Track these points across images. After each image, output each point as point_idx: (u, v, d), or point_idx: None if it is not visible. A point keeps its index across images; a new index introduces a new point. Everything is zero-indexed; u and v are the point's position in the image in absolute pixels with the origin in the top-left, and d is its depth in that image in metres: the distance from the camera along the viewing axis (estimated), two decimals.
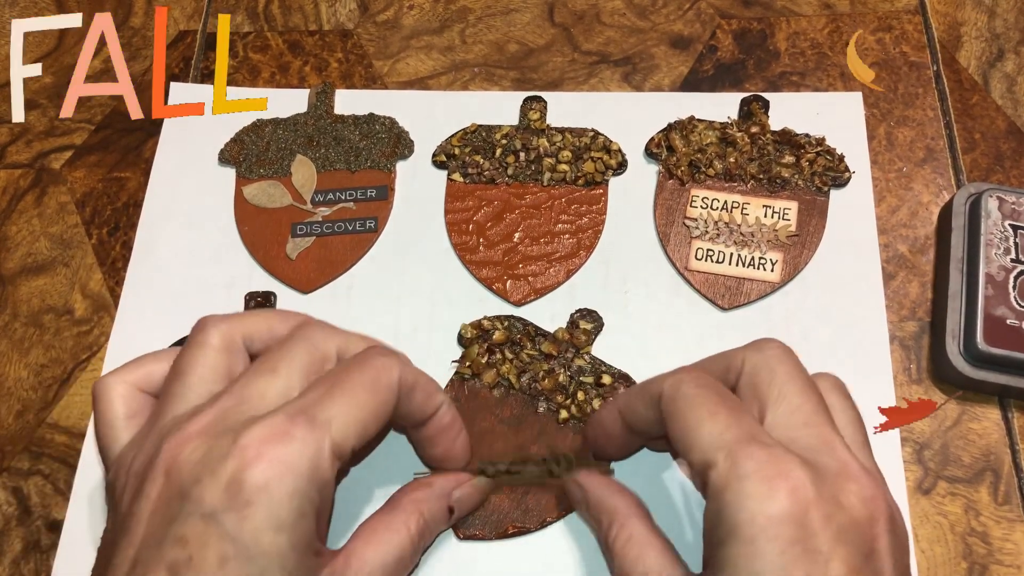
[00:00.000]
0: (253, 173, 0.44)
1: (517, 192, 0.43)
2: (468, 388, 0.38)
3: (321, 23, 0.49)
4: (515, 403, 0.38)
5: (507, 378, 0.38)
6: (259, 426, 0.25)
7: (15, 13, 0.51)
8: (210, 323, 0.30)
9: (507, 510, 0.35)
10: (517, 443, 0.37)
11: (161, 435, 0.27)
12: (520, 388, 0.38)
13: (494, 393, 0.38)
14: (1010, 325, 0.36)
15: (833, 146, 0.42)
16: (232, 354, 0.30)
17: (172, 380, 0.29)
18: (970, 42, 0.46)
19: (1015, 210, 0.38)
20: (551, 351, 0.38)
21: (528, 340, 0.39)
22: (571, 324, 0.39)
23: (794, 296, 0.40)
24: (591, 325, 0.39)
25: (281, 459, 0.25)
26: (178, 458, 0.26)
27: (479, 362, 0.38)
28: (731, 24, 0.47)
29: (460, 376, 0.38)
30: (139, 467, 0.27)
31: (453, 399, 0.37)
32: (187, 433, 0.26)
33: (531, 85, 0.46)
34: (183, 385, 0.29)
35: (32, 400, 0.41)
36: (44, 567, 0.37)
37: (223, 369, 0.29)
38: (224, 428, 0.26)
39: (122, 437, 0.29)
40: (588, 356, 0.38)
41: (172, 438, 0.26)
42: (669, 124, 0.43)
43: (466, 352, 0.38)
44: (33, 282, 0.43)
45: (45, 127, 0.48)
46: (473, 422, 0.37)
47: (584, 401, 0.37)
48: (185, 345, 0.30)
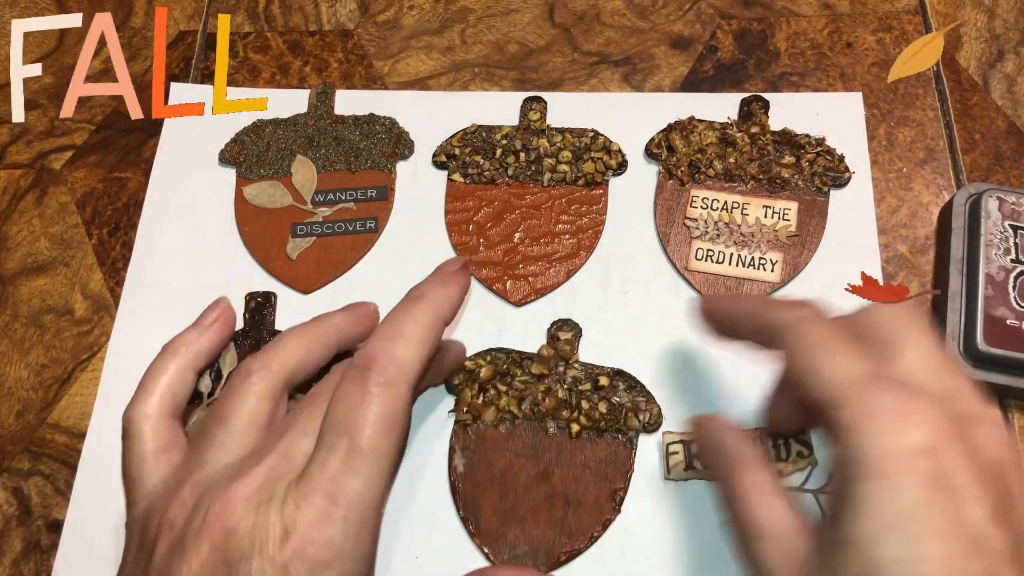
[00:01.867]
0: (253, 173, 0.44)
1: (517, 192, 0.43)
2: (473, 433, 0.37)
3: (321, 23, 0.49)
4: (524, 432, 0.37)
5: (508, 410, 0.37)
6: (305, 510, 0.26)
7: (15, 13, 0.51)
8: (254, 368, 0.30)
9: (552, 537, 0.35)
10: (539, 470, 0.36)
11: (203, 488, 0.27)
12: (524, 416, 0.37)
13: (500, 429, 0.37)
14: (1010, 325, 0.36)
15: (833, 146, 0.42)
16: (274, 399, 0.30)
17: (214, 425, 0.29)
18: (970, 43, 0.46)
19: (1015, 210, 0.38)
20: (542, 370, 0.38)
21: (516, 367, 0.38)
22: (551, 338, 0.39)
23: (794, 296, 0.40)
24: (571, 333, 0.39)
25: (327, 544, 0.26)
26: (225, 526, 0.26)
27: (476, 404, 0.37)
28: (731, 24, 0.47)
29: (462, 424, 0.37)
30: (177, 520, 0.27)
31: (462, 449, 0.37)
32: (234, 497, 0.26)
33: (531, 85, 0.46)
34: (226, 434, 0.29)
35: (32, 400, 0.41)
36: (44, 567, 0.37)
37: (265, 417, 0.29)
38: (270, 495, 0.26)
39: (153, 473, 0.29)
40: (578, 364, 0.38)
41: (217, 501, 0.26)
42: (669, 124, 0.43)
43: (459, 398, 0.38)
44: (33, 282, 0.43)
45: (45, 127, 0.48)
46: (491, 464, 0.36)
47: (590, 408, 0.37)
48: (227, 389, 0.30)
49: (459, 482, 0.36)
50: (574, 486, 0.36)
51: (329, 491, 0.26)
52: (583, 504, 0.35)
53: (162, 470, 0.29)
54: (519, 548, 0.35)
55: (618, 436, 0.37)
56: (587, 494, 0.36)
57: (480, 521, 0.35)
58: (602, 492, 0.36)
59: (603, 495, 0.36)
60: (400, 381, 0.28)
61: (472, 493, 0.36)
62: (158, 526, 0.27)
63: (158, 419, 0.30)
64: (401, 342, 0.29)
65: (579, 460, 0.36)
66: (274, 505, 0.26)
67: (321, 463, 0.27)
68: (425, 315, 0.30)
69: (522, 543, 0.35)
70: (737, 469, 0.29)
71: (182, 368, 0.31)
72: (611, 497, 0.36)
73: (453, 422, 0.38)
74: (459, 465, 0.36)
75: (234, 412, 0.29)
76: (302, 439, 0.28)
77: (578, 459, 0.36)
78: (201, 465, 0.28)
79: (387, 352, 0.28)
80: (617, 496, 0.36)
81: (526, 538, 0.35)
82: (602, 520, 0.35)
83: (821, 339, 0.26)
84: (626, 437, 0.37)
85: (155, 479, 0.29)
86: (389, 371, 0.28)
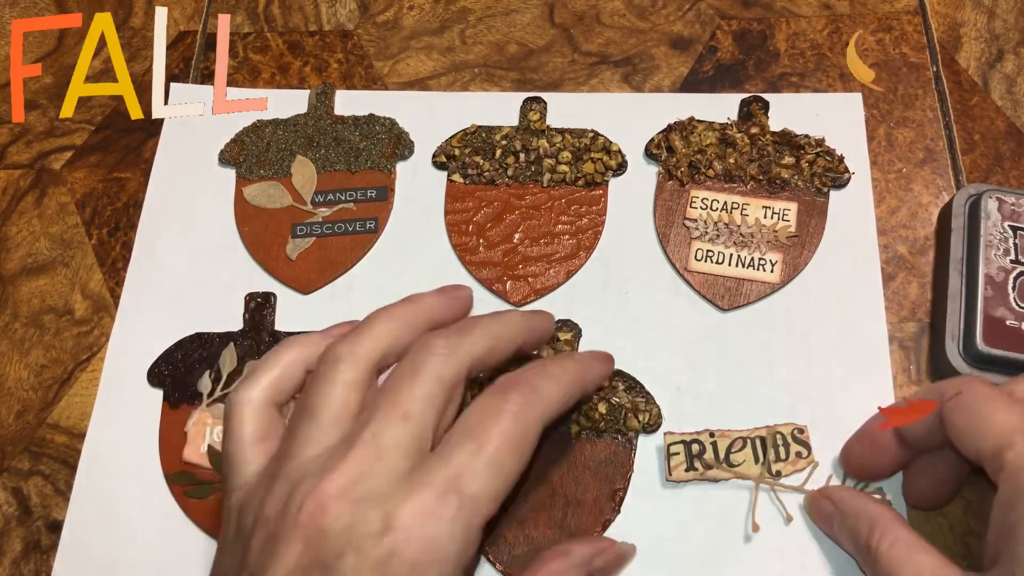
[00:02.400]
0: (253, 174, 0.44)
1: (517, 193, 0.43)
2: None
3: (321, 24, 0.49)
4: None
5: None
6: (410, 504, 0.25)
7: (15, 13, 0.51)
8: (342, 355, 0.29)
9: (552, 538, 0.35)
10: (539, 471, 0.36)
11: (293, 482, 0.26)
12: None
13: None
14: (1010, 326, 0.36)
15: (833, 147, 0.42)
16: (363, 387, 0.29)
17: (302, 417, 0.28)
18: (970, 43, 0.46)
19: (1015, 211, 0.38)
20: None
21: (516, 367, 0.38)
22: (551, 339, 0.39)
23: (794, 297, 0.40)
24: (570, 334, 0.39)
25: (431, 541, 0.25)
26: (320, 524, 0.25)
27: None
28: (731, 25, 0.47)
29: None
30: (272, 514, 0.26)
31: None
32: (326, 494, 0.25)
33: (531, 86, 0.46)
34: (315, 425, 0.28)
35: (32, 400, 0.41)
36: (44, 567, 0.37)
37: (355, 405, 0.28)
38: (367, 492, 0.25)
39: (251, 460, 0.29)
40: None
41: (310, 497, 0.25)
42: (669, 125, 0.43)
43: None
44: (33, 282, 0.43)
45: (45, 127, 0.48)
46: None
47: (589, 409, 0.37)
48: (314, 377, 0.29)
49: None
50: (574, 487, 0.36)
51: (443, 488, 0.25)
52: (583, 505, 0.36)
53: (259, 459, 0.29)
54: (518, 549, 0.35)
55: (617, 437, 0.37)
56: (587, 495, 0.36)
57: None
58: (602, 493, 0.36)
59: (603, 496, 0.36)
60: (537, 409, 0.28)
61: None
62: (254, 520, 0.27)
63: (260, 406, 0.29)
64: (547, 380, 0.29)
65: (579, 461, 0.36)
66: (372, 500, 0.25)
67: (443, 460, 0.26)
68: (573, 368, 0.31)
69: (521, 544, 0.35)
70: (877, 529, 0.30)
71: (294, 363, 0.30)
72: (611, 497, 0.36)
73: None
74: None
75: (322, 402, 0.28)
76: (389, 427, 0.26)
77: (578, 460, 0.36)
78: (292, 457, 0.27)
79: (532, 383, 0.28)
80: (617, 496, 0.36)
81: (526, 539, 0.35)
82: (602, 520, 0.35)
83: (986, 396, 0.28)
84: (625, 438, 0.37)
85: (252, 467, 0.28)
86: (531, 398, 0.28)
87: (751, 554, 0.35)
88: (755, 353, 0.38)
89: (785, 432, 0.36)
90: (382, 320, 0.30)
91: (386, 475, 0.26)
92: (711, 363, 0.38)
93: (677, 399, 0.38)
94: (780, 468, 0.35)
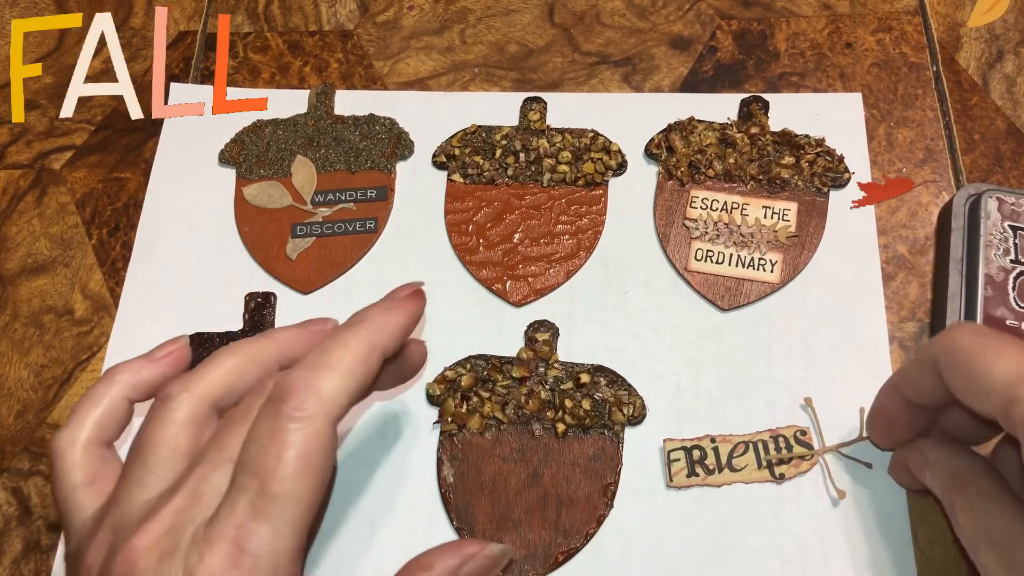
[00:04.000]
0: (253, 174, 0.44)
1: (517, 193, 0.43)
2: (460, 442, 0.37)
3: (321, 23, 0.49)
4: (511, 437, 0.37)
5: (493, 416, 0.37)
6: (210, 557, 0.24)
7: (15, 13, 0.51)
8: (174, 392, 0.27)
9: (548, 539, 0.35)
10: (529, 473, 0.36)
11: (115, 532, 0.25)
12: (509, 420, 0.37)
13: (487, 436, 0.37)
14: (1010, 326, 0.36)
15: (833, 147, 0.42)
16: (197, 426, 0.27)
17: (132, 460, 0.27)
18: (969, 43, 0.46)
19: (1015, 211, 0.38)
20: (523, 373, 0.38)
21: (497, 372, 0.38)
22: (529, 341, 0.39)
23: (794, 297, 0.40)
24: (547, 333, 0.39)
25: None
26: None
27: (460, 413, 0.37)
28: (731, 25, 0.47)
29: (447, 434, 0.37)
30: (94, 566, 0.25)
31: (450, 459, 0.37)
32: (136, 548, 0.24)
33: (531, 86, 0.46)
34: (142, 467, 0.26)
35: (32, 400, 0.41)
36: (44, 567, 0.37)
37: (187, 446, 0.27)
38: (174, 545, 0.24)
39: (84, 506, 0.27)
40: (558, 363, 0.38)
41: (122, 548, 0.24)
42: (669, 125, 0.43)
43: (443, 408, 0.38)
44: (33, 282, 0.43)
45: (45, 127, 0.48)
46: (480, 471, 0.36)
47: (574, 407, 0.37)
48: (147, 417, 0.28)
49: (450, 492, 0.36)
50: (565, 485, 0.36)
51: (236, 538, 0.24)
52: (576, 502, 0.36)
53: (92, 503, 0.27)
54: (516, 553, 0.35)
55: (604, 432, 0.37)
56: (579, 492, 0.36)
57: (474, 529, 0.35)
58: (593, 488, 0.36)
59: (595, 491, 0.36)
60: (320, 416, 0.25)
61: (464, 502, 0.36)
62: (81, 571, 0.25)
63: (85, 449, 0.28)
64: (326, 373, 0.26)
65: (568, 459, 0.36)
66: (178, 555, 0.24)
67: (229, 507, 0.24)
68: (359, 344, 0.27)
69: (518, 547, 0.35)
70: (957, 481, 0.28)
71: (117, 398, 0.29)
72: (603, 492, 0.36)
73: (439, 433, 0.37)
74: (448, 475, 0.36)
75: (151, 443, 0.26)
76: (212, 474, 0.25)
77: (567, 458, 0.36)
78: (120, 503, 0.26)
79: (307, 384, 0.25)
80: (609, 491, 0.36)
81: (522, 542, 0.35)
82: (596, 516, 0.35)
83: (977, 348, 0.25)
84: (612, 432, 0.37)
85: (84, 514, 0.27)
86: (307, 405, 0.25)
87: (751, 554, 0.35)
88: (755, 353, 0.38)
89: (787, 435, 0.36)
90: (226, 355, 0.29)
91: (200, 524, 0.24)
92: (711, 363, 0.38)
93: (677, 398, 0.38)
94: (783, 471, 0.35)
